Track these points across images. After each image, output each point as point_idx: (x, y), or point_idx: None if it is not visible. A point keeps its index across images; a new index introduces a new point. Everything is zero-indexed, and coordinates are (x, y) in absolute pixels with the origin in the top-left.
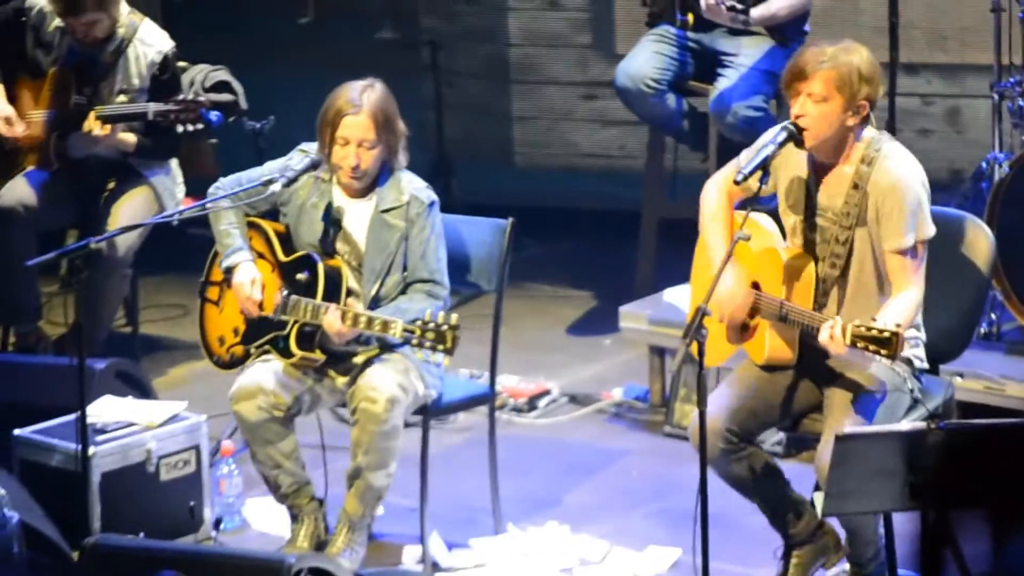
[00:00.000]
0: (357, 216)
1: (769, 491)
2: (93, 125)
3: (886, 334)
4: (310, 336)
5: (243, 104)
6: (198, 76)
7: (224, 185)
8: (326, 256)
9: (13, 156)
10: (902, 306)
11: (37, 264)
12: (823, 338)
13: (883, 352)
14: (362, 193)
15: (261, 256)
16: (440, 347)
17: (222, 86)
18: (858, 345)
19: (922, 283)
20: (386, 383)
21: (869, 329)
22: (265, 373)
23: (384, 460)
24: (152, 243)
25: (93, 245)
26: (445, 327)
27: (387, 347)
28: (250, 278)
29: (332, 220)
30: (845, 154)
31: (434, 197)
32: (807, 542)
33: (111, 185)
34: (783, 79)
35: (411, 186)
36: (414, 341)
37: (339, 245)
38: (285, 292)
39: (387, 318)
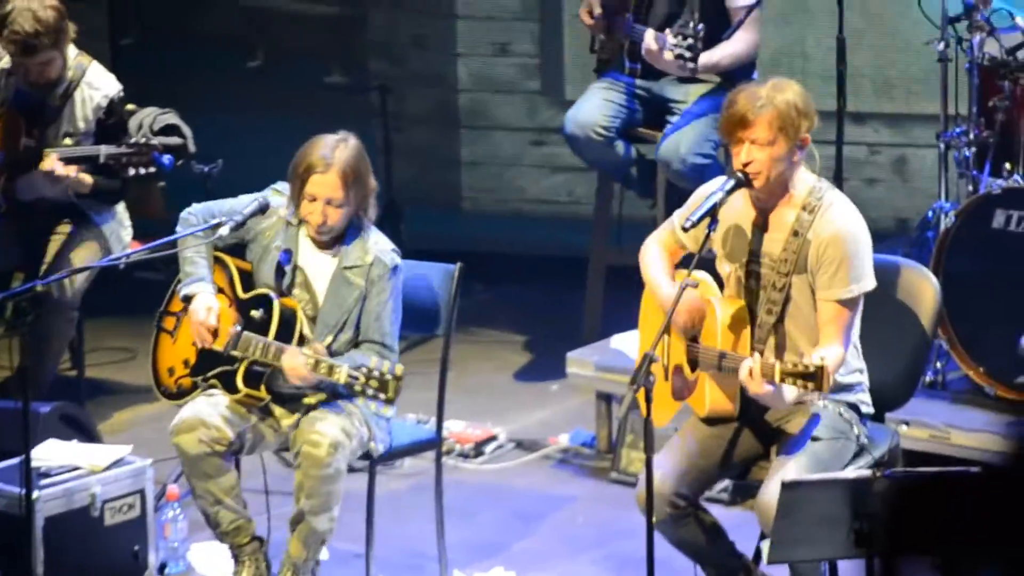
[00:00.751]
0: (320, 268)
1: (714, 553)
2: (55, 165)
3: (812, 368)
4: (258, 375)
5: (192, 147)
6: (146, 119)
7: (195, 212)
8: (289, 300)
9: None
10: (826, 352)
11: None
12: (742, 375)
13: (811, 386)
14: (328, 246)
15: (221, 291)
16: (382, 395)
17: (171, 129)
18: (787, 381)
19: (850, 337)
20: (329, 427)
21: (795, 365)
22: (207, 407)
23: (327, 504)
24: (99, 286)
25: (40, 287)
26: (389, 377)
27: (336, 394)
28: (206, 305)
29: (294, 265)
30: (785, 198)
31: (398, 262)
32: None
33: (59, 228)
34: (722, 128)
35: (376, 247)
36: (357, 387)
37: (297, 292)
38: (239, 328)
39: (334, 362)
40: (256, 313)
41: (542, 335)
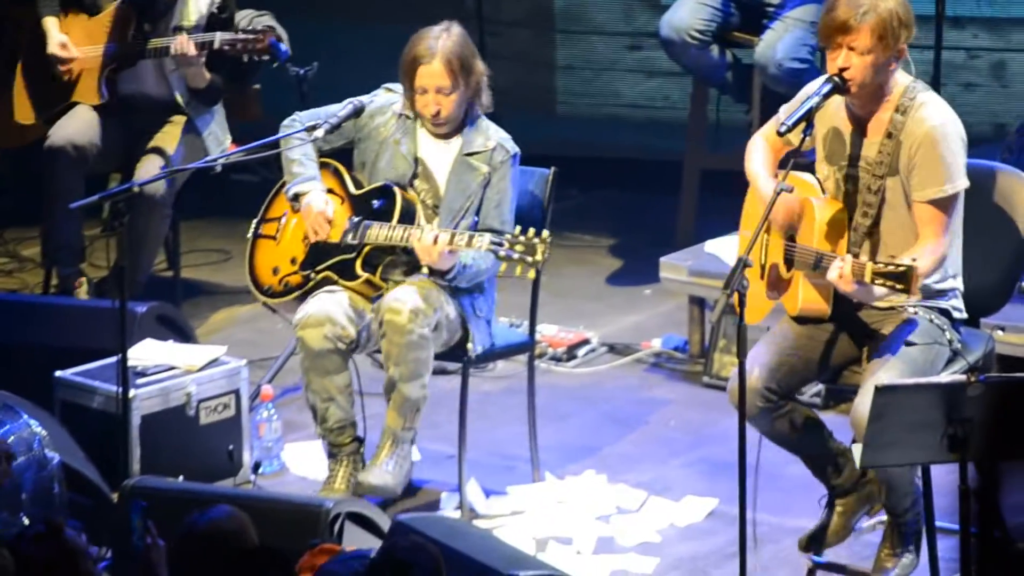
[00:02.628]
0: (440, 156)
1: (811, 445)
2: (187, 46)
3: (902, 268)
4: (374, 263)
5: (288, 50)
6: (243, 21)
7: (301, 118)
8: (402, 189)
9: (65, 88)
10: (922, 252)
11: (81, 206)
12: (832, 276)
13: (899, 287)
14: (447, 135)
15: (331, 191)
16: (529, 258)
17: (267, 31)
18: (876, 281)
19: (947, 240)
20: (408, 295)
21: (886, 265)
22: (334, 304)
23: (416, 371)
24: (195, 188)
25: (136, 188)
26: (536, 240)
27: (455, 292)
28: (323, 200)
29: (415, 157)
30: (881, 101)
31: (518, 149)
32: (851, 491)
33: (157, 127)
34: (821, 32)
35: (498, 134)
36: (501, 253)
37: (418, 183)
38: (356, 218)
39: (472, 232)
40: (376, 203)
41: (635, 239)
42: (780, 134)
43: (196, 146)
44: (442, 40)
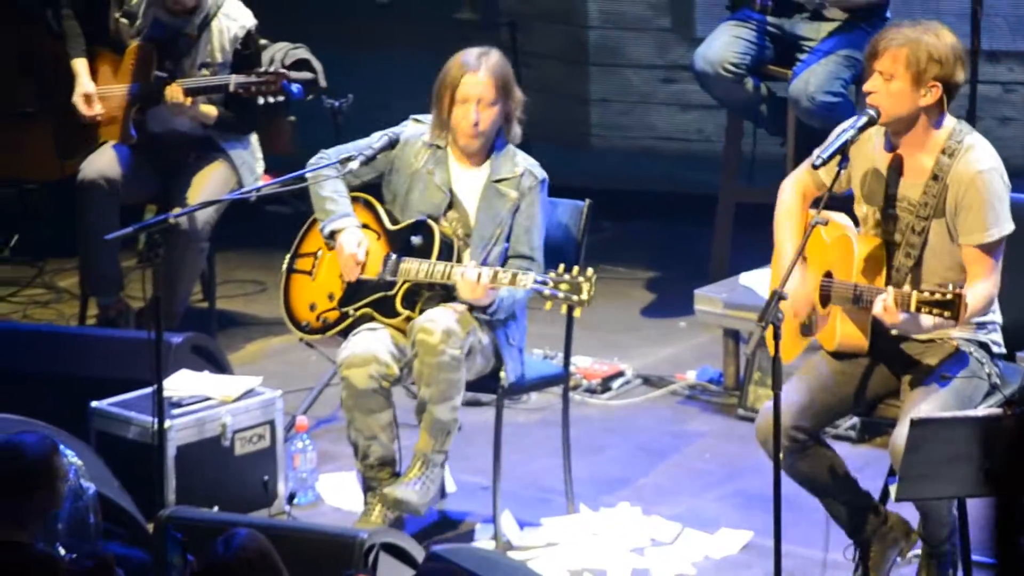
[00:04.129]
0: (470, 184)
1: (835, 488)
2: (176, 94)
3: (949, 296)
4: (413, 300)
5: (323, 82)
6: (278, 54)
7: (329, 155)
8: (443, 224)
9: (92, 129)
10: (972, 291)
11: (117, 237)
12: (876, 309)
13: (946, 314)
14: (476, 161)
15: (366, 226)
16: (575, 298)
17: (302, 64)
18: (922, 310)
19: (997, 279)
20: (442, 316)
21: (933, 293)
22: (377, 342)
23: (447, 393)
24: (230, 219)
25: (172, 219)
26: (581, 278)
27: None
28: (356, 239)
29: (448, 188)
30: (923, 141)
31: (546, 175)
32: (874, 540)
33: (191, 159)
34: (864, 57)
35: (526, 160)
36: (546, 292)
37: (450, 213)
38: (394, 255)
39: (515, 270)
40: (416, 240)
41: (670, 272)
42: (815, 167)
43: (230, 178)
44: (486, 56)
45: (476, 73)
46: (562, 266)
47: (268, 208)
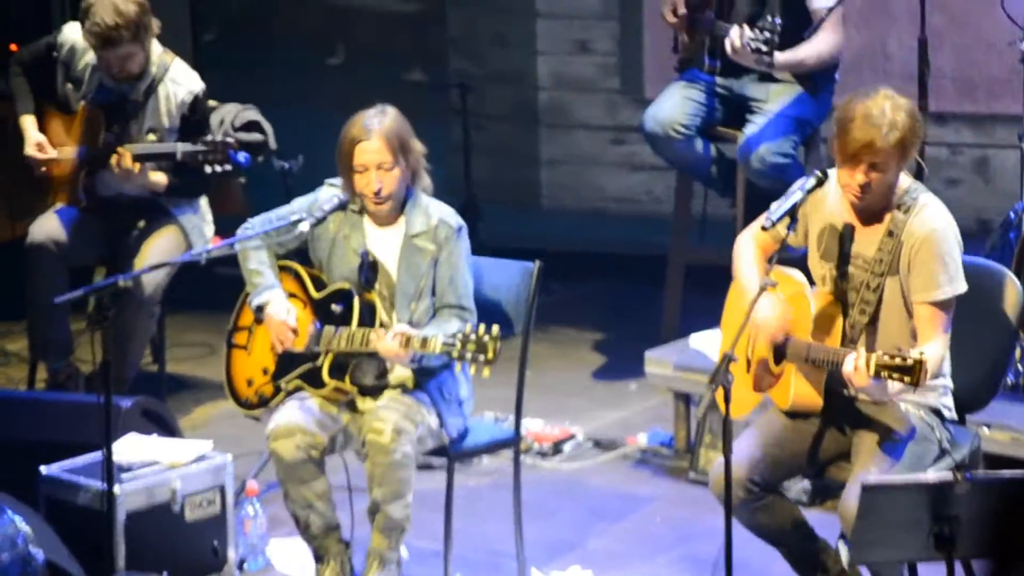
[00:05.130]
0: (387, 244)
1: (792, 539)
2: (125, 159)
3: (910, 361)
4: (342, 368)
5: (272, 144)
6: (228, 115)
7: (253, 224)
8: (361, 288)
9: (43, 193)
10: (925, 352)
11: (66, 301)
12: (847, 369)
13: (907, 380)
14: (390, 220)
15: (292, 295)
16: (482, 357)
17: (252, 125)
18: (882, 374)
19: (946, 339)
20: (390, 414)
21: (893, 357)
22: (302, 412)
23: (399, 491)
24: (180, 281)
25: (121, 283)
26: (486, 337)
27: (423, 372)
28: (284, 308)
29: (364, 251)
30: (889, 201)
31: (462, 222)
32: None
33: (140, 223)
34: (843, 151)
35: (439, 211)
36: (454, 353)
37: (371, 275)
38: (319, 324)
39: (426, 335)
40: (336, 308)
41: (620, 334)
42: (764, 228)
43: (180, 241)
44: (378, 119)
45: (369, 139)
46: (468, 326)
47: (218, 270)
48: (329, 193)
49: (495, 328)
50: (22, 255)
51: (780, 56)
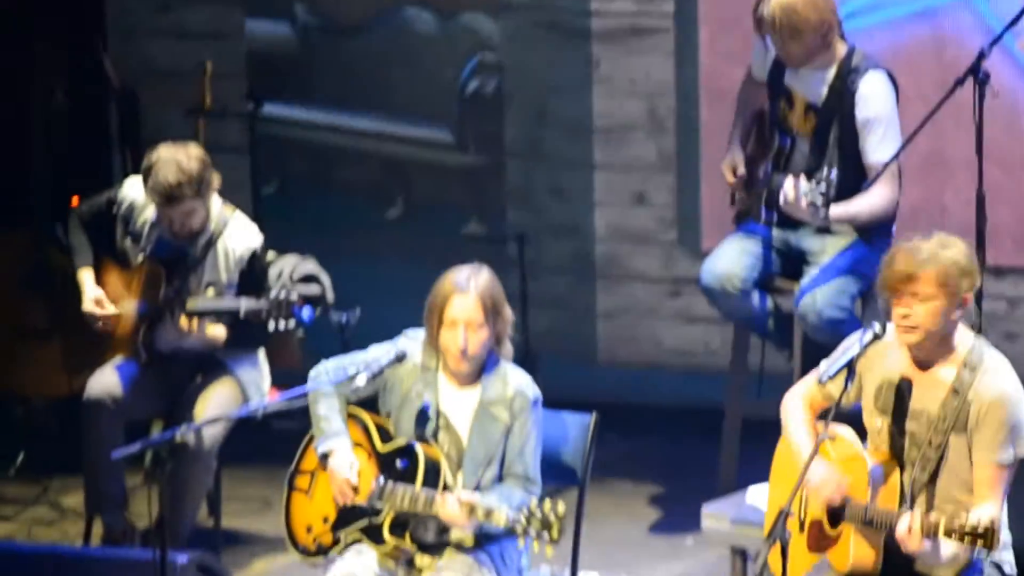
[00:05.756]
0: (461, 406)
1: None
2: (183, 321)
3: (980, 529)
4: (403, 524)
5: (330, 297)
6: (287, 268)
7: (328, 368)
8: (426, 445)
9: (102, 347)
10: (978, 512)
11: (123, 456)
12: (901, 530)
13: (979, 543)
14: (467, 382)
15: (358, 445)
16: (547, 535)
17: (310, 278)
18: (952, 537)
19: (1004, 501)
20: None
21: (962, 525)
22: (359, 565)
23: None
24: (236, 435)
25: (178, 437)
26: (552, 515)
27: (484, 536)
28: (348, 462)
29: (436, 410)
30: (944, 354)
31: (539, 393)
32: None
33: (198, 378)
34: (884, 285)
35: (516, 380)
36: (519, 529)
37: (441, 435)
38: (382, 479)
39: (492, 506)
40: (400, 465)
41: (677, 487)
42: (821, 383)
43: (237, 395)
44: (474, 277)
45: (465, 295)
46: (534, 500)
47: (274, 424)
48: (406, 345)
49: (561, 505)
50: (80, 409)
51: (834, 209)
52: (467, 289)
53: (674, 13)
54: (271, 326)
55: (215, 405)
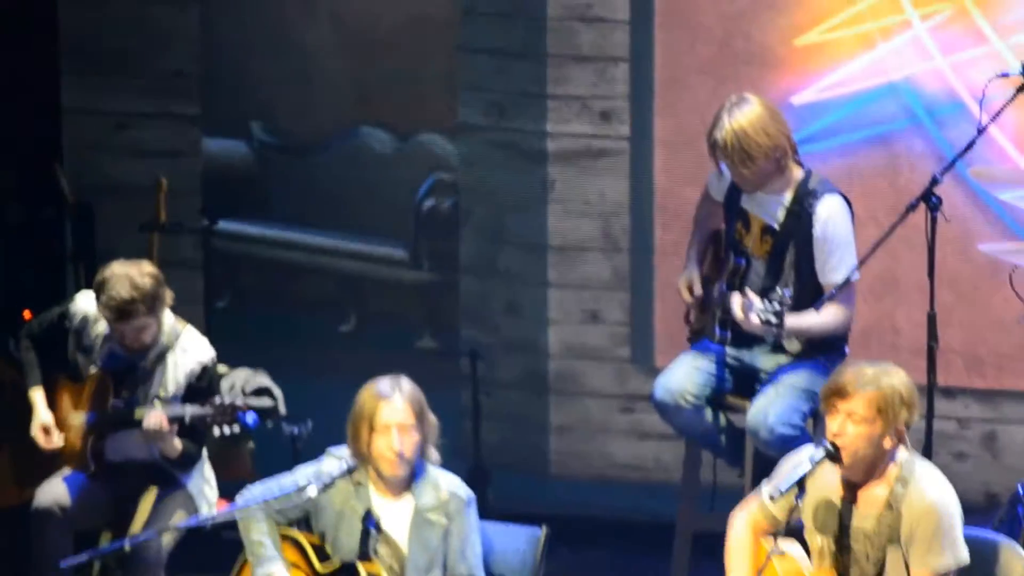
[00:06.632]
0: (396, 516)
1: None
2: (160, 420)
3: None
4: None
5: (282, 409)
6: (239, 381)
7: (255, 492)
8: (365, 562)
9: (52, 458)
10: None
11: (71, 566)
12: None
13: None
14: (399, 491)
15: (295, 566)
16: None
17: (262, 391)
18: None
19: None
20: None
21: None
22: None
23: None
24: (185, 546)
25: (127, 547)
26: None
27: None
28: None
29: (372, 523)
30: (878, 475)
31: (471, 494)
32: None
33: (147, 488)
34: (822, 393)
35: (448, 483)
36: None
37: (380, 548)
38: None
39: None
40: None
41: None
42: (772, 499)
43: (185, 505)
44: (398, 384)
45: (393, 400)
46: None
47: (223, 534)
48: (333, 463)
49: None
50: (28, 520)
51: (789, 319)
52: (394, 395)
53: (629, 135)
54: (216, 432)
55: (164, 515)
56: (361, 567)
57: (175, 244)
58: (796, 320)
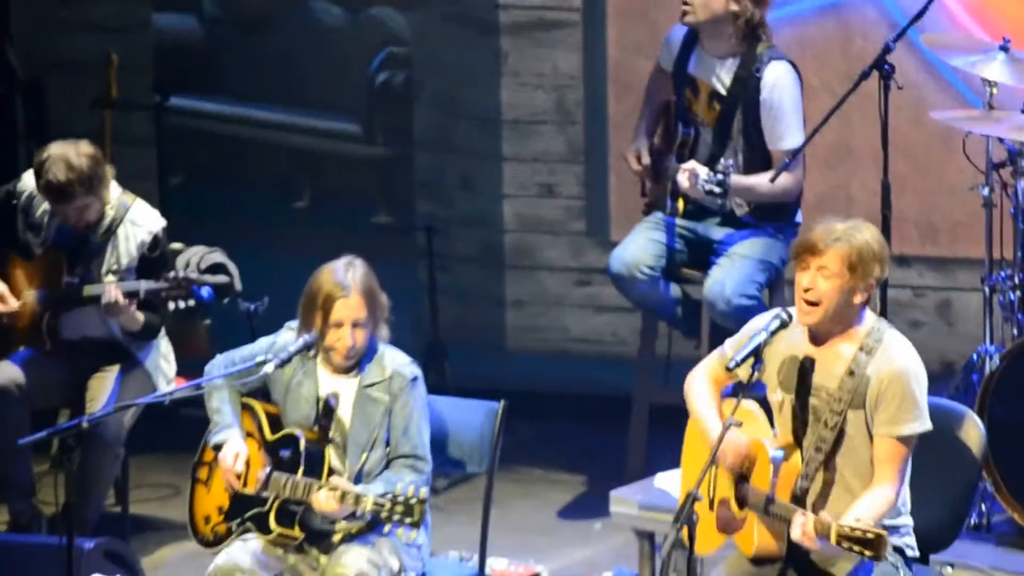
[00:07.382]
0: (342, 392)
1: None
2: (117, 295)
3: (870, 535)
4: (291, 513)
5: (238, 285)
6: (194, 258)
7: (218, 363)
8: (313, 433)
9: (6, 338)
10: (876, 503)
11: (29, 443)
12: (795, 534)
13: (867, 553)
14: (347, 370)
15: (250, 435)
16: (408, 520)
17: (218, 267)
18: (843, 544)
19: (905, 479)
20: (354, 559)
21: (853, 529)
22: (242, 552)
23: None
24: (144, 423)
25: (85, 424)
26: (413, 500)
27: (370, 524)
28: (234, 452)
29: (318, 398)
30: (845, 332)
31: (417, 372)
32: None
33: (104, 365)
34: (793, 249)
35: (394, 362)
36: (383, 514)
37: (323, 422)
38: (268, 469)
39: (359, 492)
40: (285, 453)
41: (585, 474)
42: (729, 369)
43: (143, 382)
44: (351, 273)
45: (347, 297)
46: (399, 486)
47: (182, 411)
48: (290, 336)
49: (423, 491)
50: None
51: (735, 178)
52: (349, 289)
53: (582, 6)
54: (171, 306)
55: (123, 392)
56: (303, 436)
57: (128, 120)
58: (743, 180)
